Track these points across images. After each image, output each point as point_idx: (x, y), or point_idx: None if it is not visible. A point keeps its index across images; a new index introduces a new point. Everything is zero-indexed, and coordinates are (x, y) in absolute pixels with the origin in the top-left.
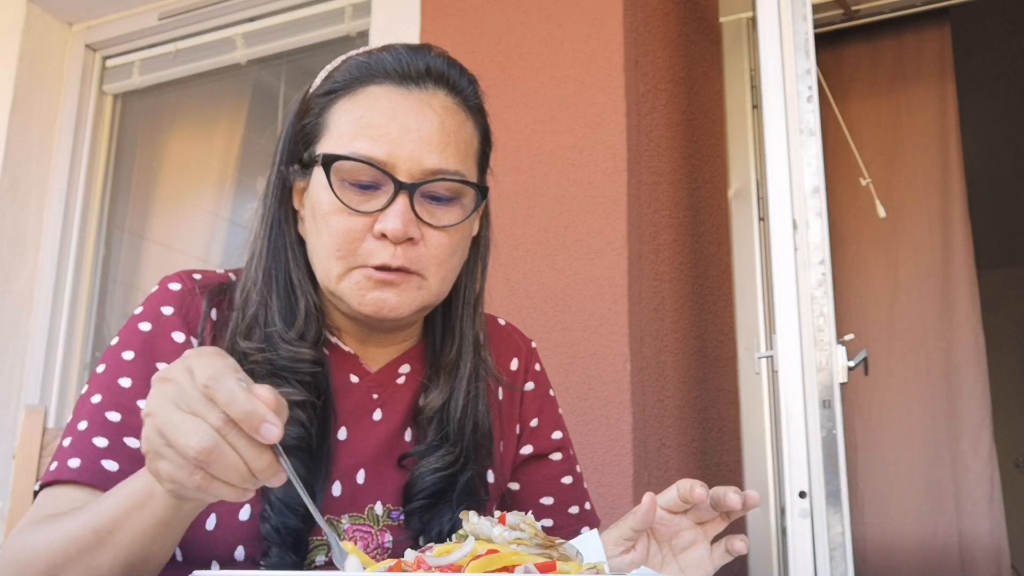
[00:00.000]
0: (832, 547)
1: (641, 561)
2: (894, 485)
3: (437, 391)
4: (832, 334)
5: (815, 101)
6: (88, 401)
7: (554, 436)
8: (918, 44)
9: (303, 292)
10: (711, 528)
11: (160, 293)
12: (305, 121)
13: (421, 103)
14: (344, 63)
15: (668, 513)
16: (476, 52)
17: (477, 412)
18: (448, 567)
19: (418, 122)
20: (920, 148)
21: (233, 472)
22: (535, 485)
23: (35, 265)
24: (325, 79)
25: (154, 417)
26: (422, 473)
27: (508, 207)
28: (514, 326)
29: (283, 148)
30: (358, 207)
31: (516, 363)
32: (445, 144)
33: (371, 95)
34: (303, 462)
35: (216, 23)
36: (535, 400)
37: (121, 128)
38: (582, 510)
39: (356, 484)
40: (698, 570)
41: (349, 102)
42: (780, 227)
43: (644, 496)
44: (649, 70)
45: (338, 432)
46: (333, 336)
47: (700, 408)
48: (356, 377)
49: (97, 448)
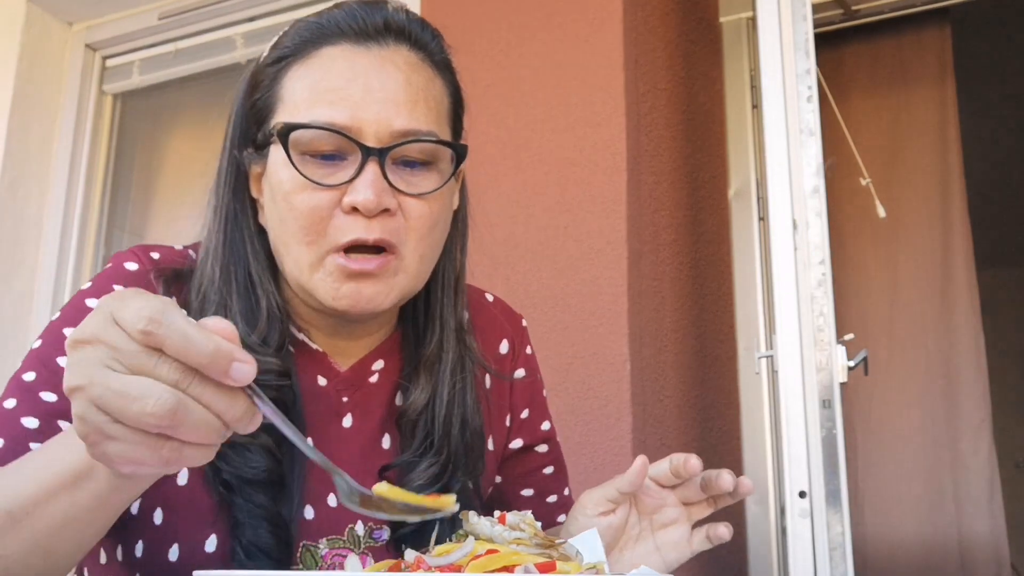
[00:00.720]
0: (832, 547)
1: (619, 526)
2: (894, 485)
3: (418, 389)
4: (832, 334)
5: (815, 101)
6: (20, 378)
7: (543, 427)
8: (918, 44)
9: (264, 291)
10: (696, 511)
11: (114, 270)
12: (255, 97)
13: (383, 60)
14: (293, 27)
15: (655, 484)
16: (476, 51)
17: (465, 408)
18: (448, 567)
19: (381, 80)
20: (920, 148)
21: (204, 430)
22: (517, 478)
23: (35, 264)
24: (273, 47)
25: (86, 390)
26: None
27: (507, 207)
28: (503, 301)
29: (233, 130)
30: (323, 180)
31: (506, 346)
32: (414, 103)
33: (326, 57)
34: (272, 496)
35: (216, 23)
36: (526, 388)
37: (121, 128)
38: (560, 497)
39: (328, 505)
40: (674, 550)
41: (302, 68)
42: (780, 227)
43: (636, 458)
44: (649, 70)
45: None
46: (300, 333)
47: (700, 408)
48: (324, 379)
49: (27, 429)
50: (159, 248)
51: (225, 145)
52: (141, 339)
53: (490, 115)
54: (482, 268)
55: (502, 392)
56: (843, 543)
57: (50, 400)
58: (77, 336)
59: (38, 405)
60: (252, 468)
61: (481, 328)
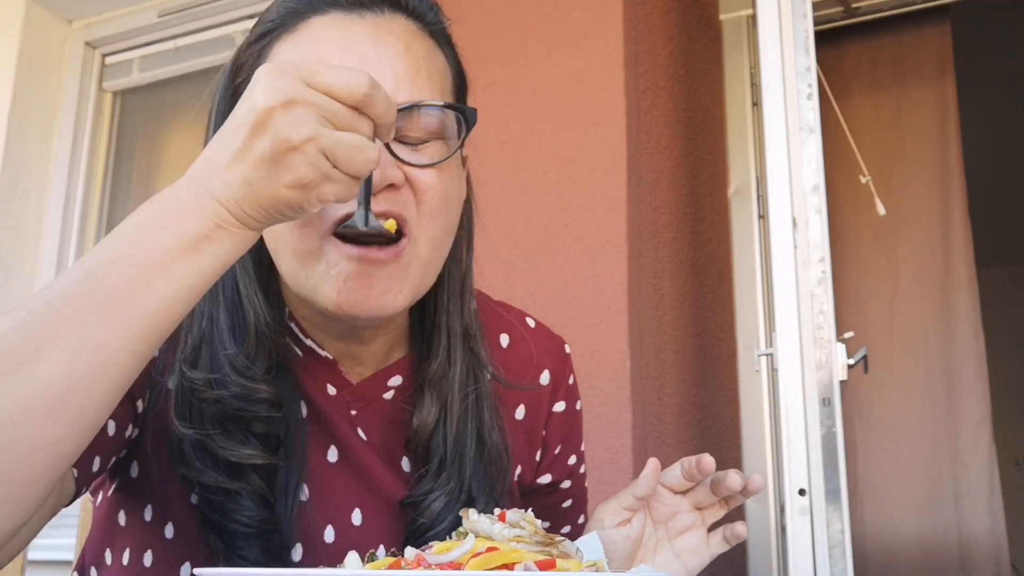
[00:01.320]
0: (831, 545)
1: (636, 537)
2: (893, 483)
3: (425, 409)
4: (832, 332)
5: (815, 99)
6: None
7: (570, 462)
8: (918, 42)
9: (251, 305)
10: (709, 514)
11: None
12: (239, 80)
13: (378, 27)
14: (277, 1)
15: (668, 492)
16: (476, 50)
17: (481, 424)
18: (448, 564)
19: (378, 49)
20: (920, 145)
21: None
22: (535, 506)
23: (34, 262)
24: (257, 23)
25: (316, 140)
26: (422, 525)
27: (508, 205)
28: (545, 327)
29: (216, 121)
30: None
31: (547, 376)
32: (416, 72)
33: (315, 27)
34: (262, 548)
35: (215, 20)
36: (563, 423)
37: (121, 125)
38: (573, 527)
39: (352, 526)
40: (694, 556)
41: (288, 41)
42: (780, 225)
43: (648, 462)
44: (649, 68)
45: (327, 454)
46: (308, 339)
47: (700, 406)
48: (334, 388)
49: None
50: None
51: (206, 137)
52: (359, 102)
53: (490, 114)
54: (481, 266)
55: (537, 422)
56: (843, 541)
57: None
58: (282, 98)
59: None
60: (245, 518)
61: (520, 357)
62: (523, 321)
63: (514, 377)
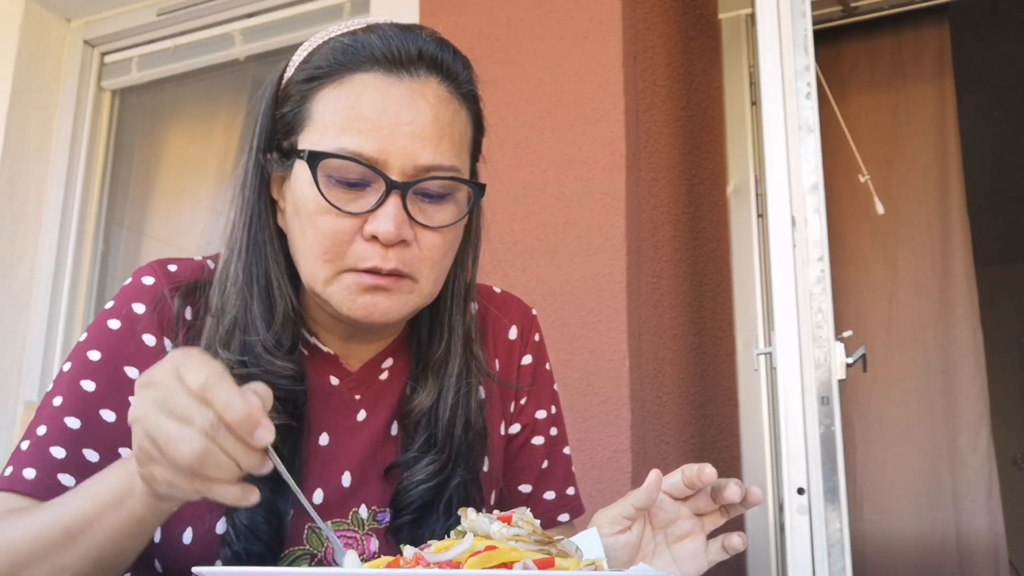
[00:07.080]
0: (830, 544)
1: (635, 543)
2: (892, 482)
3: (425, 392)
4: (831, 331)
5: (814, 98)
6: (50, 403)
7: (538, 415)
8: (917, 41)
9: (281, 295)
10: (709, 522)
11: (133, 287)
12: (285, 109)
13: (413, 92)
14: (325, 45)
15: (669, 498)
16: (475, 48)
17: (469, 411)
18: (447, 563)
19: (411, 115)
20: (919, 145)
21: (225, 471)
22: (515, 472)
23: (33, 261)
24: (304, 63)
25: (143, 422)
26: (407, 486)
27: (507, 204)
28: (512, 294)
29: (260, 135)
30: (346, 207)
31: (515, 331)
32: (440, 138)
33: (359, 83)
34: (271, 490)
35: (214, 19)
36: (529, 376)
37: (119, 124)
38: (560, 496)
39: (342, 488)
40: (692, 563)
41: (334, 91)
42: (779, 224)
43: (650, 473)
44: (648, 67)
45: (319, 438)
46: (312, 337)
47: (699, 404)
48: (336, 379)
49: (54, 459)
50: (178, 261)
51: (250, 146)
52: (199, 393)
53: (489, 112)
54: (481, 265)
55: (508, 379)
56: (841, 540)
57: (74, 427)
58: (149, 378)
59: (65, 433)
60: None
61: (491, 314)
62: (490, 290)
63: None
